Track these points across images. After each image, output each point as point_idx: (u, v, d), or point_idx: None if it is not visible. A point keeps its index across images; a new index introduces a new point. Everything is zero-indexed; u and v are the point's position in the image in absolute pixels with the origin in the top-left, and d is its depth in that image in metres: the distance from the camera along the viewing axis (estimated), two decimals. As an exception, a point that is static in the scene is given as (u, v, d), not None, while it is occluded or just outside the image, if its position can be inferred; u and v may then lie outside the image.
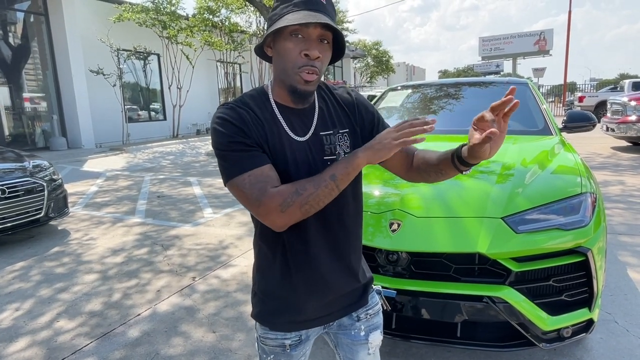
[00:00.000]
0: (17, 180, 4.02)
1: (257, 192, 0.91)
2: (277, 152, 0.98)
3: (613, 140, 10.18)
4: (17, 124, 11.24)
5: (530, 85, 3.45)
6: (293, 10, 0.93)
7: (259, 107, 1.00)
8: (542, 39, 35.06)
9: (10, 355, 2.32)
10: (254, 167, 0.93)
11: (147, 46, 13.39)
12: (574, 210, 1.89)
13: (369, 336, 1.16)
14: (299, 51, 0.94)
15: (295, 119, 1.03)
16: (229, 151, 0.94)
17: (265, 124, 0.99)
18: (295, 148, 1.00)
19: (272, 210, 0.91)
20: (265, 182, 0.92)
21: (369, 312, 1.17)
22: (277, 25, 0.93)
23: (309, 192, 0.91)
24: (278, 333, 1.09)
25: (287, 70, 0.96)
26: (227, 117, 0.95)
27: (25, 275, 3.41)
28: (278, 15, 0.96)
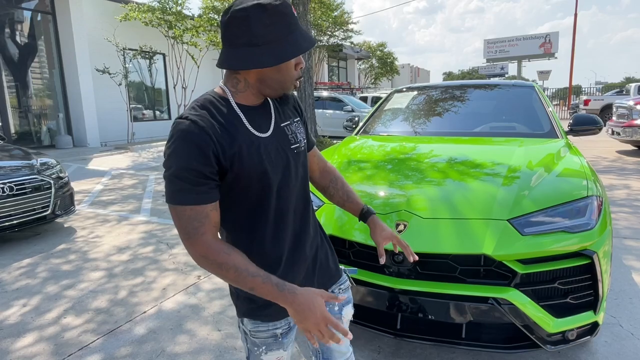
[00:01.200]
0: (25, 177, 4.06)
1: (192, 230, 0.94)
2: (249, 154, 1.01)
3: (618, 144, 10.14)
4: (23, 122, 11.32)
5: (536, 88, 3.45)
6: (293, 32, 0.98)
7: (221, 114, 1.00)
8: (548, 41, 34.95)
9: (18, 350, 2.35)
10: (199, 203, 0.94)
11: (153, 46, 13.46)
12: (580, 213, 1.90)
13: (342, 310, 1.25)
14: (294, 65, 1.02)
15: (258, 118, 1.06)
16: (182, 179, 0.93)
17: (232, 130, 1.00)
18: (264, 144, 1.04)
19: (193, 252, 0.96)
20: (203, 222, 0.95)
21: (341, 287, 1.27)
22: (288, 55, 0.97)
23: (228, 276, 0.96)
24: (269, 324, 1.12)
25: (285, 82, 1.03)
26: (187, 137, 0.93)
27: (32, 272, 3.44)
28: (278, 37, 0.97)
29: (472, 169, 2.27)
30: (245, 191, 1.03)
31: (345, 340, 1.19)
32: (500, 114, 3.26)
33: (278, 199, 1.08)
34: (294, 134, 1.12)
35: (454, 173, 2.24)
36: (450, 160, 2.42)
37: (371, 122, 3.70)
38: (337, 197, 1.34)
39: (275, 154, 1.06)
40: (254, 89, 1.04)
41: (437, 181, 2.17)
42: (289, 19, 0.97)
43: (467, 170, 2.26)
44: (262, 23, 0.95)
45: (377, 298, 1.91)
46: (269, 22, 0.95)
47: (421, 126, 3.33)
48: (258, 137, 1.03)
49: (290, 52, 0.97)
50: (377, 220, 1.31)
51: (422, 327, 1.93)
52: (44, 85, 11.70)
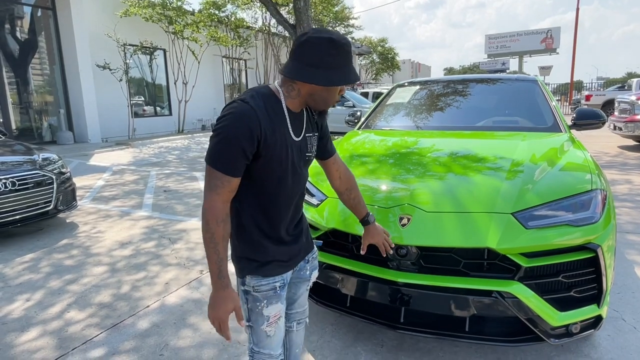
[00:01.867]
0: (27, 172, 4.06)
1: (213, 186, 1.20)
2: (280, 151, 1.25)
3: (620, 139, 10.12)
4: (24, 117, 11.31)
5: (539, 82, 3.43)
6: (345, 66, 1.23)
7: (272, 110, 1.25)
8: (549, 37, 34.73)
9: (22, 344, 2.36)
10: (228, 173, 1.19)
11: (154, 41, 13.43)
12: (584, 206, 1.89)
13: (311, 274, 1.55)
14: (336, 92, 1.28)
15: (295, 122, 1.31)
16: (225, 148, 1.18)
17: (276, 128, 1.24)
18: (294, 146, 1.30)
19: (204, 202, 1.21)
20: (223, 186, 1.20)
21: (313, 255, 1.54)
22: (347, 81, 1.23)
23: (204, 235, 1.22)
24: (270, 278, 1.34)
25: (329, 101, 1.28)
26: (244, 117, 1.18)
27: (34, 267, 3.45)
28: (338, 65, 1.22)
29: (475, 163, 2.27)
30: (266, 175, 1.27)
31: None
32: (503, 108, 3.25)
33: (286, 188, 1.32)
34: (311, 145, 1.38)
35: (457, 167, 2.23)
36: (453, 154, 2.41)
37: (373, 116, 3.69)
38: (348, 202, 1.62)
39: (297, 156, 1.32)
40: (302, 99, 1.28)
41: (440, 175, 2.16)
42: (347, 56, 1.23)
43: (470, 164, 2.25)
44: (329, 53, 1.20)
45: (381, 292, 1.91)
46: (334, 53, 1.20)
47: (423, 120, 3.33)
48: (292, 139, 1.29)
49: (340, 80, 1.23)
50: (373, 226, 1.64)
51: (426, 321, 1.93)
52: (44, 81, 11.69)
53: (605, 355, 2.12)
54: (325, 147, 1.51)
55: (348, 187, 1.59)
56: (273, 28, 18.49)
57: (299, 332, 1.67)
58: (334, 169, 1.56)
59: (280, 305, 1.37)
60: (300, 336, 1.68)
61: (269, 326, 1.37)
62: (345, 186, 1.59)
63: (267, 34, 18.36)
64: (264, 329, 1.37)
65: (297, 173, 1.34)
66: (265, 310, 1.35)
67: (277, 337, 1.41)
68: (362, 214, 1.62)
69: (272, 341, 1.40)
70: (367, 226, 1.64)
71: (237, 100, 1.21)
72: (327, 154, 1.53)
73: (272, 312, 1.36)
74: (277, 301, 1.36)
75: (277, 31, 18.90)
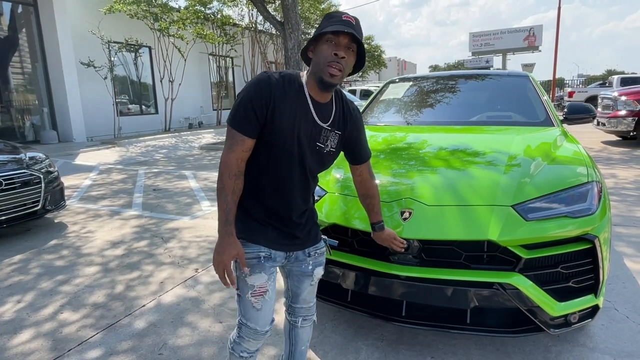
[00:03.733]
0: (14, 172, 3.96)
1: (229, 144, 1.32)
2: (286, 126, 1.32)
3: (603, 135, 10.34)
4: (5, 117, 11.04)
5: (531, 77, 3.48)
6: (335, 24, 1.30)
7: (290, 87, 1.33)
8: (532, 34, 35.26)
9: (16, 346, 2.30)
10: (240, 130, 1.31)
11: (139, 38, 13.23)
12: (581, 198, 1.93)
13: (314, 270, 1.55)
14: (331, 51, 1.29)
15: (319, 109, 1.38)
16: (240, 108, 1.30)
17: (288, 100, 1.32)
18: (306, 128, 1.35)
19: (221, 158, 1.33)
20: (237, 144, 1.31)
21: (317, 251, 1.55)
22: (318, 32, 1.32)
23: (217, 186, 1.34)
24: (254, 247, 1.40)
25: (319, 64, 1.30)
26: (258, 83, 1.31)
27: (24, 268, 3.37)
28: (321, 28, 1.33)
29: (473, 157, 2.29)
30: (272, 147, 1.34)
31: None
32: (497, 104, 3.28)
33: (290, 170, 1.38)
34: (325, 137, 1.41)
35: (455, 161, 2.25)
36: (452, 148, 2.43)
37: (367, 113, 3.69)
38: (364, 204, 1.70)
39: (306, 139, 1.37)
40: (312, 76, 1.34)
41: (439, 169, 2.18)
42: (334, 18, 1.31)
43: (468, 158, 2.27)
44: (320, 25, 1.35)
45: (383, 286, 1.92)
46: (325, 19, 1.35)
47: (419, 116, 3.34)
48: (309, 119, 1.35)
49: (321, 30, 1.30)
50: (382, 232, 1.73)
51: (427, 314, 1.94)
52: (26, 80, 11.42)
53: (601, 344, 2.16)
54: (358, 152, 1.57)
55: (366, 193, 1.67)
56: (260, 25, 18.38)
57: (304, 328, 1.68)
58: (357, 173, 1.63)
59: (265, 276, 1.41)
60: (306, 333, 1.69)
61: (254, 297, 1.41)
62: (363, 191, 1.67)
63: (254, 32, 18.24)
64: (250, 299, 1.41)
65: (303, 158, 1.37)
66: (249, 279, 1.39)
67: (265, 313, 1.44)
68: (375, 219, 1.71)
69: (258, 316, 1.43)
70: (376, 232, 1.73)
71: (262, 72, 1.34)
72: (356, 160, 1.60)
73: (257, 282, 1.40)
74: (261, 271, 1.40)
75: (264, 28, 18.79)
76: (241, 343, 1.49)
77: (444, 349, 2.17)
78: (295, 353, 1.71)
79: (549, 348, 2.14)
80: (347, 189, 2.17)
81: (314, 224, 1.55)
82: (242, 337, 1.47)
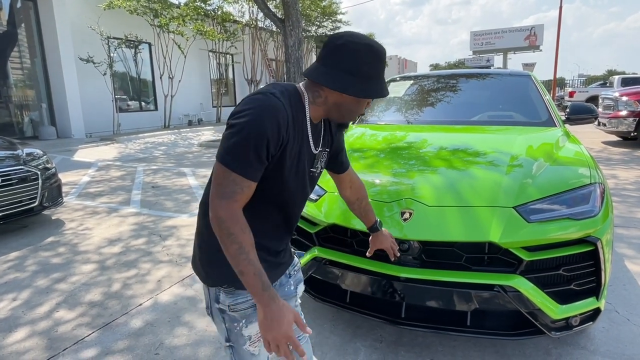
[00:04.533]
0: (11, 168, 3.92)
1: (229, 192, 1.01)
2: (292, 160, 1.12)
3: (604, 135, 10.32)
4: (4, 112, 10.99)
5: (533, 76, 3.45)
6: (379, 78, 1.12)
7: (296, 113, 1.11)
8: (533, 34, 35.20)
9: (11, 345, 2.28)
10: (249, 177, 1.02)
11: (138, 35, 13.17)
12: (584, 200, 1.90)
13: (297, 288, 1.37)
14: (363, 106, 1.17)
15: (314, 134, 1.19)
16: (252, 149, 1.00)
17: (296, 134, 1.11)
18: (306, 159, 1.17)
19: (217, 212, 1.01)
20: (242, 192, 1.02)
21: (294, 268, 1.37)
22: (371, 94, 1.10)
23: (229, 249, 1.01)
24: (247, 295, 1.16)
25: (353, 113, 1.16)
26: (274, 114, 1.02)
27: (20, 265, 3.34)
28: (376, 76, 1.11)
29: (474, 157, 2.26)
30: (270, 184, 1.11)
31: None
32: (498, 103, 3.26)
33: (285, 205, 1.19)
34: (317, 160, 1.25)
35: (457, 161, 2.22)
36: (453, 148, 2.41)
37: (367, 111, 3.66)
38: (358, 210, 1.57)
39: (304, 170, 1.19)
40: (326, 108, 1.14)
41: (440, 169, 2.15)
42: (382, 66, 1.12)
43: (470, 159, 2.25)
44: (367, 62, 1.08)
45: (382, 287, 1.89)
46: (371, 62, 1.09)
47: (419, 115, 3.32)
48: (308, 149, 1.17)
49: (376, 92, 1.11)
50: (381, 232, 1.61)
51: (427, 316, 1.92)
52: (25, 75, 11.37)
53: (601, 346, 2.14)
54: (341, 162, 1.43)
55: (359, 197, 1.54)
56: (260, 22, 18.32)
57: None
58: (346, 180, 1.49)
59: None
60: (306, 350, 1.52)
61: (252, 345, 1.24)
62: (356, 196, 1.53)
63: (254, 28, 18.17)
64: (247, 349, 1.24)
65: (301, 189, 1.21)
66: (246, 330, 1.21)
67: (263, 355, 1.30)
68: (371, 221, 1.59)
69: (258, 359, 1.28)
70: (375, 233, 1.61)
71: (264, 92, 1.04)
72: (342, 169, 1.46)
73: (254, 330, 1.22)
74: (256, 320, 1.20)
75: (265, 25, 18.73)
76: None
77: (444, 350, 2.14)
78: None
79: (549, 351, 2.11)
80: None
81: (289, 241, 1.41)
82: None
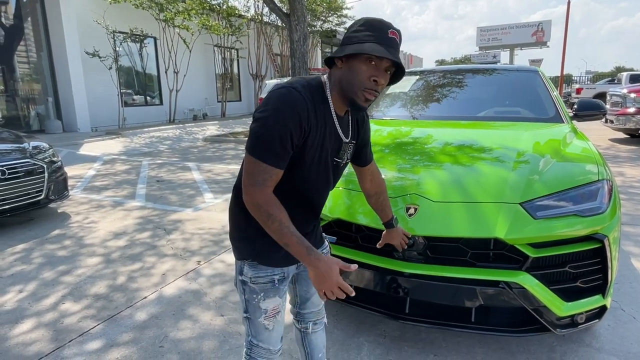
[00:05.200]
0: (17, 161, 3.95)
1: (260, 180, 1.11)
2: (314, 148, 1.17)
3: (611, 132, 10.22)
4: (11, 106, 11.06)
5: (540, 72, 3.42)
6: (375, 42, 1.10)
7: (318, 104, 1.16)
8: (540, 30, 34.85)
9: (17, 336, 2.30)
10: (276, 166, 1.11)
11: (144, 29, 13.17)
12: (591, 197, 1.88)
13: None
14: (369, 75, 1.12)
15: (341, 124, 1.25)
16: (277, 139, 1.08)
17: (319, 124, 1.16)
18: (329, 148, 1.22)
19: (252, 198, 1.12)
20: (271, 178, 1.12)
21: (323, 251, 1.45)
22: (361, 50, 1.10)
23: (271, 227, 1.12)
24: (268, 270, 1.28)
25: (354, 85, 1.14)
26: (295, 106, 1.09)
27: (26, 258, 3.37)
28: (360, 40, 1.12)
29: (480, 152, 2.25)
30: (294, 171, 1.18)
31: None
32: (505, 99, 3.22)
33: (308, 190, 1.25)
34: (344, 151, 1.30)
35: (463, 157, 2.21)
36: (459, 144, 2.39)
37: (372, 106, 3.64)
38: (376, 204, 1.59)
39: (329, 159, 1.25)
40: (338, 88, 1.18)
41: (446, 165, 2.14)
42: (376, 32, 1.11)
43: (476, 154, 2.23)
44: (353, 29, 1.15)
45: (387, 283, 1.89)
46: (362, 29, 1.13)
47: (425, 110, 3.29)
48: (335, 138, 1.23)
49: (351, 49, 1.11)
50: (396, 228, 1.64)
51: (431, 312, 1.91)
52: (31, 69, 11.42)
53: (606, 344, 2.13)
54: (366, 155, 1.46)
55: (377, 191, 1.57)
56: (265, 17, 18.26)
57: (317, 333, 1.58)
58: (368, 173, 1.53)
59: (279, 299, 1.34)
60: (320, 339, 1.59)
61: (267, 319, 1.33)
62: (375, 190, 1.57)
63: (259, 23, 18.12)
64: (262, 322, 1.34)
65: (325, 176, 1.26)
66: (263, 304, 1.31)
67: (277, 332, 1.38)
68: (389, 217, 1.62)
69: (271, 335, 1.36)
70: (390, 229, 1.64)
71: (286, 86, 1.11)
72: (366, 162, 1.49)
73: (270, 305, 1.32)
74: (275, 295, 1.32)
75: (270, 20, 18.67)
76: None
77: (447, 347, 2.14)
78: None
79: (554, 348, 2.11)
80: (351, 183, 2.13)
81: (318, 225, 1.47)
82: (254, 357, 1.39)
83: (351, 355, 2.09)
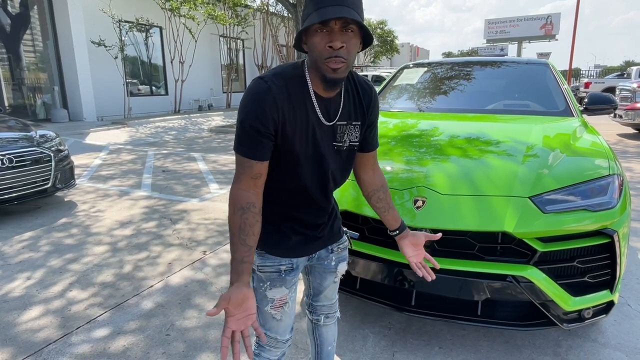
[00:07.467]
0: (24, 149, 3.97)
1: (236, 173, 1.14)
2: (299, 135, 1.14)
3: (619, 127, 10.12)
4: (17, 95, 11.09)
5: (551, 65, 3.37)
6: (319, 8, 1.03)
7: (295, 89, 1.12)
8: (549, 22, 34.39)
9: (25, 323, 2.32)
10: (246, 155, 1.11)
11: (150, 18, 13.13)
12: (601, 191, 1.86)
13: (337, 266, 1.44)
14: (324, 44, 1.05)
15: (327, 106, 1.17)
16: (244, 131, 1.10)
17: (297, 109, 1.12)
18: (321, 132, 1.17)
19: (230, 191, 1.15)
20: (244, 172, 1.12)
21: (340, 246, 1.43)
22: (304, 26, 1.07)
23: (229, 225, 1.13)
24: (275, 259, 1.28)
25: (317, 61, 1.08)
26: (259, 97, 1.08)
27: (34, 245, 3.39)
28: (307, 14, 1.08)
29: (490, 146, 2.23)
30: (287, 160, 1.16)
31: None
32: (514, 92, 3.19)
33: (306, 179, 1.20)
34: (342, 134, 1.23)
35: (472, 149, 2.19)
36: (467, 136, 2.37)
37: (381, 98, 3.62)
38: (379, 205, 1.43)
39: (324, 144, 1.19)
40: (313, 71, 1.12)
41: (455, 158, 2.12)
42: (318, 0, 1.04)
43: (485, 147, 2.21)
44: (305, 7, 1.09)
45: (392, 274, 1.89)
46: (308, 5, 1.07)
47: (433, 103, 3.27)
48: (319, 122, 1.16)
49: (304, 26, 1.06)
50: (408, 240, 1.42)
51: (437, 304, 1.91)
52: (37, 58, 11.42)
53: (612, 340, 2.13)
54: (365, 139, 1.32)
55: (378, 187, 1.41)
56: (272, 7, 18.13)
57: (328, 327, 1.58)
58: (370, 162, 1.39)
59: (285, 290, 1.31)
60: (331, 332, 1.59)
61: (274, 309, 1.32)
62: (380, 182, 1.42)
63: (265, 13, 18.01)
64: (269, 311, 1.33)
65: (323, 163, 1.20)
66: (269, 293, 1.30)
67: (285, 323, 1.36)
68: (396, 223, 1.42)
69: (279, 325, 1.35)
70: (401, 240, 1.41)
71: (256, 78, 1.12)
72: (366, 147, 1.35)
73: (276, 295, 1.30)
74: (282, 285, 1.30)
75: (276, 10, 18.54)
76: (261, 353, 1.39)
77: (452, 339, 2.14)
78: (321, 355, 1.61)
79: (560, 342, 2.10)
80: (358, 175, 2.12)
81: (335, 218, 1.41)
82: (262, 346, 1.38)
83: (356, 346, 2.10)
